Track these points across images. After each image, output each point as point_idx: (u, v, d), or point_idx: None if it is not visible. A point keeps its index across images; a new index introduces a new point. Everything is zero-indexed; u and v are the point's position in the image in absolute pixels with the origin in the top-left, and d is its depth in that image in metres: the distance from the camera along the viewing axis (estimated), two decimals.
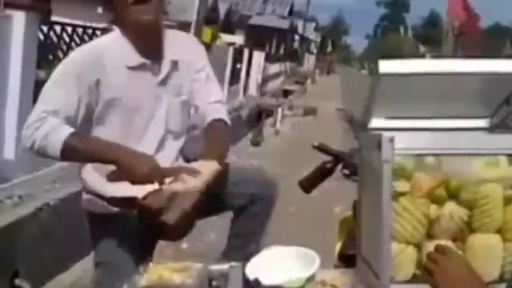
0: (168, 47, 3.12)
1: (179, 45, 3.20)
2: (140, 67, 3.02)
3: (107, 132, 2.97)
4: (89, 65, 2.93)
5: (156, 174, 2.80)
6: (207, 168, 2.92)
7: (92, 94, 2.92)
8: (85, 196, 3.12)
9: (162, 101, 3.08)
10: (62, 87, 2.90)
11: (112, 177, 2.84)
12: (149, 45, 3.05)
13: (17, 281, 5.01)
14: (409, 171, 2.61)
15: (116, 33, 3.09)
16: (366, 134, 2.78)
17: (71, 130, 2.79)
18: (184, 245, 5.80)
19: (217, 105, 3.26)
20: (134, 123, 3.03)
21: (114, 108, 2.98)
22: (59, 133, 2.76)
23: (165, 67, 3.09)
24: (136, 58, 3.02)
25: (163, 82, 3.09)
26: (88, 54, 3.00)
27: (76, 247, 5.17)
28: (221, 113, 3.24)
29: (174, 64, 3.12)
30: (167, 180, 2.85)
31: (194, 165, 2.98)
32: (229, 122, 3.26)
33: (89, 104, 2.93)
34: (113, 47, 3.03)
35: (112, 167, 2.82)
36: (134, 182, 2.79)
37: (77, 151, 2.79)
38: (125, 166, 2.78)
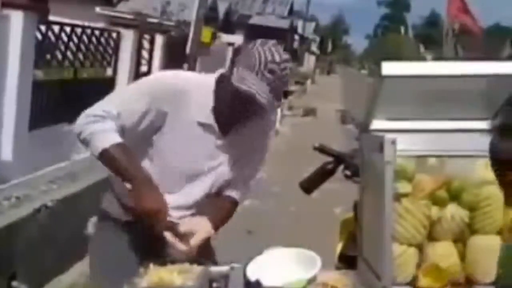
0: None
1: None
2: (207, 126, 2.93)
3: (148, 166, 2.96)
4: (169, 97, 2.86)
5: (158, 216, 2.79)
6: (202, 229, 2.98)
7: (157, 119, 2.88)
8: (108, 196, 3.11)
9: (215, 163, 3.01)
10: (131, 96, 2.89)
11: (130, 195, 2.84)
12: (230, 110, 2.92)
13: (15, 283, 5.00)
14: (411, 172, 2.61)
15: (210, 82, 2.96)
16: (368, 136, 2.78)
17: (118, 140, 2.77)
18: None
19: (251, 183, 3.26)
20: (174, 175, 3.00)
21: (162, 149, 2.94)
22: (106, 137, 2.75)
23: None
24: (206, 116, 2.93)
25: (221, 149, 3.00)
26: (174, 85, 2.90)
27: (74, 249, 5.17)
28: (243, 193, 3.24)
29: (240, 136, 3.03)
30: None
31: (193, 221, 2.99)
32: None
33: (151, 126, 2.89)
34: (198, 94, 2.91)
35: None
36: (136, 212, 2.80)
37: (112, 161, 2.78)
38: (136, 193, 2.77)
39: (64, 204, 5.66)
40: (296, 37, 51.92)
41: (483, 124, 2.87)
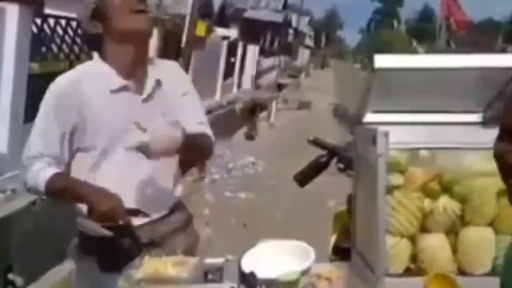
0: (152, 68, 3.06)
1: (163, 68, 3.12)
2: (123, 89, 2.96)
3: (95, 159, 2.96)
4: (68, 98, 2.90)
5: (117, 213, 2.79)
6: None
7: (77, 125, 2.91)
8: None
9: (148, 121, 2.90)
10: (43, 129, 2.92)
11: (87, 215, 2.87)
12: (134, 64, 2.98)
13: (10, 276, 5.01)
14: (404, 165, 2.63)
15: (94, 60, 3.03)
16: (361, 128, 2.80)
17: (54, 171, 2.84)
18: None
19: (203, 126, 3.17)
20: (119, 145, 2.98)
21: (100, 134, 2.93)
22: (43, 175, 2.82)
23: (149, 85, 3.02)
24: (118, 81, 2.95)
25: (147, 100, 3.01)
26: (65, 87, 2.94)
27: (69, 241, 5.17)
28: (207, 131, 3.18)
29: (158, 83, 3.04)
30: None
31: None
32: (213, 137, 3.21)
33: (76, 134, 2.92)
34: (92, 73, 2.97)
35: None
36: (98, 220, 2.80)
37: (57, 191, 2.86)
38: (90, 204, 2.79)
39: None
40: (290, 31, 51.88)
41: (475, 117, 2.90)
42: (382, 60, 2.51)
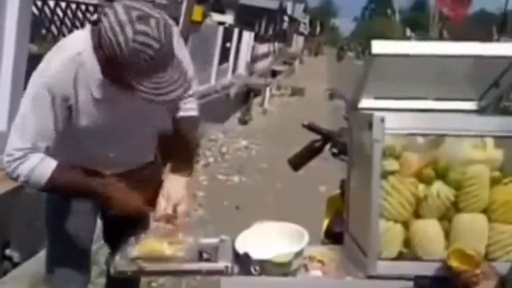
0: None
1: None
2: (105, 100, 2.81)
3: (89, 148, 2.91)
4: (61, 91, 2.69)
5: (133, 206, 2.84)
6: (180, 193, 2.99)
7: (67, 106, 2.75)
8: None
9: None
10: (36, 116, 2.72)
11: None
12: None
13: (8, 251, 5.03)
14: (399, 150, 2.64)
15: (87, 45, 2.69)
16: (357, 114, 2.82)
17: (55, 163, 2.74)
18: None
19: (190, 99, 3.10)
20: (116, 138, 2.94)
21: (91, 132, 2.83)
22: (44, 168, 2.72)
23: None
24: (99, 91, 2.77)
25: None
26: (61, 77, 2.70)
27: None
28: (192, 109, 3.13)
29: None
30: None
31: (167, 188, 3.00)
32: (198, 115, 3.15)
33: (66, 116, 2.77)
34: (86, 61, 2.69)
35: None
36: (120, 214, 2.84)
37: (62, 184, 2.78)
38: (104, 197, 2.81)
39: None
40: (286, 18, 51.74)
41: (471, 105, 2.93)
42: (379, 46, 2.52)
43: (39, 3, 7.52)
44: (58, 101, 2.69)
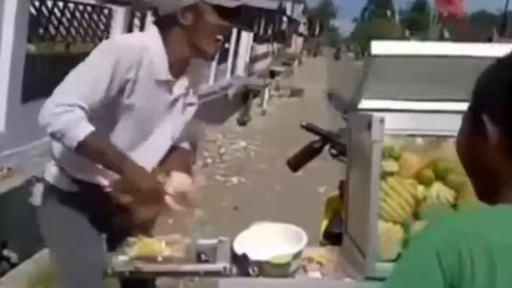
0: (185, 76, 3.07)
1: (193, 76, 3.13)
2: (165, 83, 2.95)
3: (115, 134, 2.93)
4: (128, 61, 2.79)
5: (157, 196, 2.84)
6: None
7: (120, 85, 2.81)
8: (51, 169, 3.09)
9: (171, 115, 3.04)
10: (95, 71, 2.75)
11: (115, 186, 2.86)
12: (182, 67, 3.01)
13: (5, 252, 5.03)
14: (398, 151, 2.64)
15: (156, 39, 2.93)
16: (356, 114, 2.81)
17: (92, 128, 2.69)
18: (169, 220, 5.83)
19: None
20: (142, 132, 2.99)
21: (128, 113, 2.89)
22: (81, 128, 2.67)
23: (179, 89, 3.04)
24: (165, 73, 2.93)
25: (173, 103, 3.02)
26: (131, 48, 2.83)
27: None
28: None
29: (186, 90, 3.07)
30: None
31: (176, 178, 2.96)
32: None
33: (116, 94, 2.82)
34: (152, 54, 2.88)
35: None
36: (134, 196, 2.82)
37: (91, 151, 2.74)
38: (127, 179, 2.79)
39: None
40: (285, 18, 51.76)
41: None
42: (379, 47, 2.52)
43: (36, 3, 7.51)
44: (121, 68, 2.76)
